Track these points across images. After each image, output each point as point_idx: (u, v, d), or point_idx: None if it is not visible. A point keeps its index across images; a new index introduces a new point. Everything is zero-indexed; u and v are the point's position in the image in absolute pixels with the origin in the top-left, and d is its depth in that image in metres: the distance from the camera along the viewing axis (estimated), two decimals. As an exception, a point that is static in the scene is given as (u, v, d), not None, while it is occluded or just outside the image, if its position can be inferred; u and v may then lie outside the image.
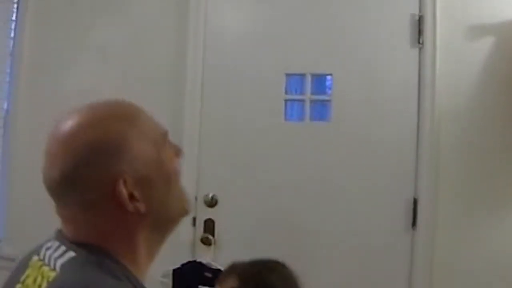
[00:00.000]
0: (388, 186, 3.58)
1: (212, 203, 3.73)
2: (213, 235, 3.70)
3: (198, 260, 3.54)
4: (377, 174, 3.59)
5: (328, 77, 3.72)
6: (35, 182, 4.03)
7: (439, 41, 3.52)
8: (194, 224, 3.71)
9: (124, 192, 1.24)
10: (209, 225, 3.72)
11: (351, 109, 3.64)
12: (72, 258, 1.24)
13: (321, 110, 3.71)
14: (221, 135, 3.80)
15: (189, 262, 3.50)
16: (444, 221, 3.47)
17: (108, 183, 1.24)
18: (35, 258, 1.34)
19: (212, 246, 3.68)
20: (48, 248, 1.32)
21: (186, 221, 3.69)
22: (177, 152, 1.41)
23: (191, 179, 3.73)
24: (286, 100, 3.74)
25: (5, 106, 4.12)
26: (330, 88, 3.70)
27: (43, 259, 1.31)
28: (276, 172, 3.71)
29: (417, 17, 3.56)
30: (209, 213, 3.74)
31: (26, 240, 3.93)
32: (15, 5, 4.08)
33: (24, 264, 1.37)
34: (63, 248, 1.28)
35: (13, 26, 4.08)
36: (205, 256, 3.64)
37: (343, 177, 3.63)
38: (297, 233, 3.66)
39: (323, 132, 3.68)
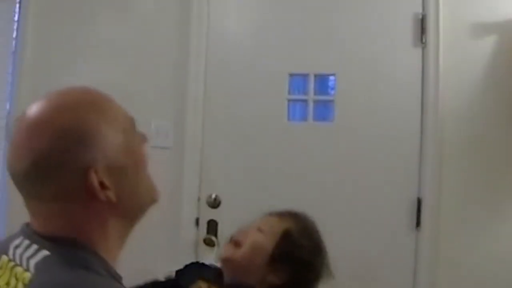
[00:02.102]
0: (392, 186, 3.56)
1: (215, 204, 3.71)
2: (216, 236, 3.68)
3: (201, 261, 3.51)
4: (381, 174, 3.58)
5: (331, 77, 3.71)
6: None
7: (442, 40, 3.51)
8: (197, 225, 3.69)
9: (95, 181, 1.21)
10: (212, 226, 3.70)
11: (354, 109, 3.63)
12: (47, 257, 1.19)
13: (324, 111, 3.70)
14: (224, 136, 3.79)
15: (192, 263, 3.49)
16: (448, 220, 3.47)
17: (80, 172, 1.20)
18: (5, 258, 1.28)
19: (216, 248, 3.66)
20: (17, 247, 1.27)
21: (189, 222, 3.69)
22: (143, 138, 1.38)
23: (194, 180, 3.72)
24: (289, 100, 3.73)
25: (7, 106, 4.10)
26: (333, 88, 3.69)
27: (14, 259, 1.25)
28: (279, 173, 3.69)
29: (420, 16, 3.56)
30: (212, 214, 3.72)
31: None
32: (17, 5, 4.06)
33: None
34: (34, 246, 1.23)
35: (15, 27, 4.06)
36: (208, 258, 3.62)
37: (347, 178, 3.62)
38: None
39: (326, 132, 3.67)
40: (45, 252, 1.20)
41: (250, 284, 1.69)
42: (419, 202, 3.51)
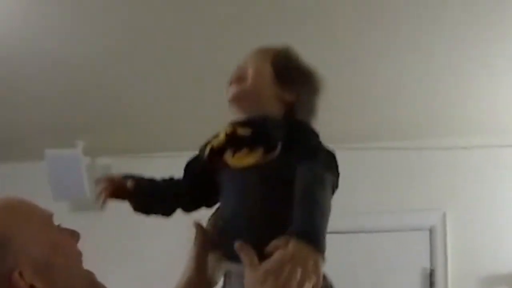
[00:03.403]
0: None
1: None
2: None
3: None
4: None
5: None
6: None
7: (451, 293, 3.48)
8: None
9: (22, 284, 1.14)
10: None
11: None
12: None
13: None
14: None
15: None
16: None
17: (4, 278, 1.14)
18: None
19: None
20: None
21: None
22: (73, 235, 1.32)
23: None
24: None
25: None
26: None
27: None
28: None
29: (428, 271, 3.54)
30: None
31: None
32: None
33: None
34: None
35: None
36: None
37: None
38: None
39: None
40: None
41: (273, 115, 1.58)
42: None
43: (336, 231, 3.65)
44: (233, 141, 1.51)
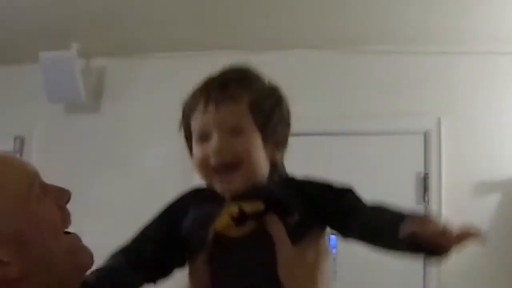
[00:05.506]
0: None
1: None
2: None
3: None
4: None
5: (333, 236, 3.65)
6: None
7: (445, 199, 3.51)
8: None
9: None
10: None
11: (356, 266, 3.57)
12: None
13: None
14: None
15: None
16: None
17: None
18: None
19: None
20: None
21: None
22: (61, 195, 1.21)
23: None
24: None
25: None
26: (335, 247, 3.63)
27: None
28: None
29: (422, 175, 3.56)
30: None
31: None
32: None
33: None
34: None
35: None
36: None
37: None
38: None
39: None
40: None
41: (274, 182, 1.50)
42: None
43: (330, 133, 3.69)
44: (240, 221, 1.39)
